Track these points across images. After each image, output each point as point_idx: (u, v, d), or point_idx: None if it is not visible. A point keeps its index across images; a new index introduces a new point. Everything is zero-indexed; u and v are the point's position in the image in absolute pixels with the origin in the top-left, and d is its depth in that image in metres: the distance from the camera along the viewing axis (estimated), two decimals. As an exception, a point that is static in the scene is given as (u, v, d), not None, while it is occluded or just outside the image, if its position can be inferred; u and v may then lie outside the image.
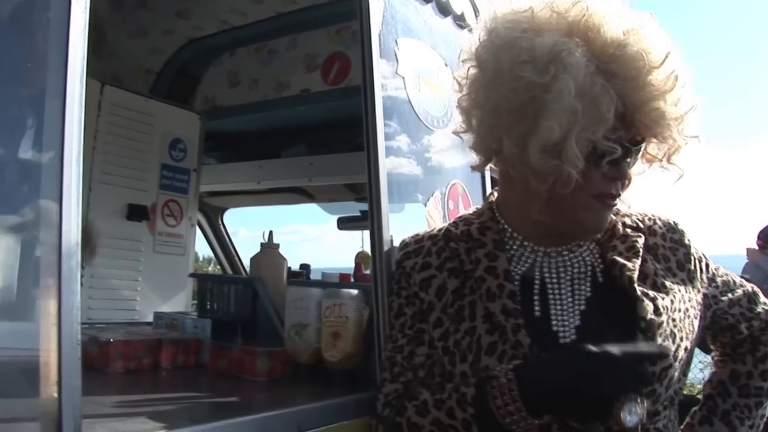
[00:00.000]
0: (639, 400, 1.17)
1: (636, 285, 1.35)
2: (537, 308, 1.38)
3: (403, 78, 2.04)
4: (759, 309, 1.61)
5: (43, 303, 1.16)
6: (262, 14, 3.31)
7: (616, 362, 1.17)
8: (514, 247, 1.45)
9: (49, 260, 1.17)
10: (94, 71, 3.01)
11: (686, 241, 1.49)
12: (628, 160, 1.34)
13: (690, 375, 1.62)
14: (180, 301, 3.17)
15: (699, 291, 1.47)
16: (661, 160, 1.40)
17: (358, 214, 3.71)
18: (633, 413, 1.16)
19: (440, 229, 1.55)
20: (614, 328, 1.32)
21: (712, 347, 1.68)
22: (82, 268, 2.26)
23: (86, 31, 1.25)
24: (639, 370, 1.19)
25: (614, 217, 1.47)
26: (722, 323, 1.55)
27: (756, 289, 1.65)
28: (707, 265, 1.54)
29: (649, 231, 1.48)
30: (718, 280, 1.56)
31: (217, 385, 1.96)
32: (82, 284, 2.76)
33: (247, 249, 4.28)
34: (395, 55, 2.02)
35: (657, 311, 1.33)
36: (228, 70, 3.63)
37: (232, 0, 3.21)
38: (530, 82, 1.25)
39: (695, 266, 1.48)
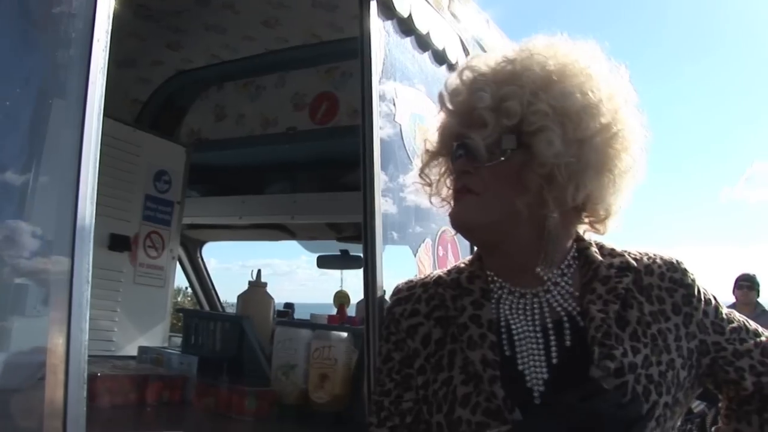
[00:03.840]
0: None
1: (596, 346, 1.32)
2: (518, 359, 1.35)
3: (400, 125, 2.07)
4: None
5: (51, 339, 1.16)
6: (253, 50, 3.34)
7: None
8: (494, 288, 1.44)
9: (59, 296, 1.17)
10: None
11: (688, 281, 1.42)
12: (458, 157, 1.40)
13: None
14: (158, 335, 3.14)
15: (695, 337, 1.39)
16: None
17: (338, 253, 3.72)
18: None
19: (433, 276, 1.55)
20: (580, 384, 1.27)
21: (720, 397, 1.56)
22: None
23: (105, 68, 1.27)
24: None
25: (598, 257, 1.44)
26: (723, 374, 1.42)
27: None
28: (716, 310, 1.44)
29: (646, 270, 1.42)
30: (727, 327, 1.44)
31: (203, 423, 1.95)
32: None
33: (217, 280, 4.28)
34: (393, 101, 2.05)
35: (619, 371, 1.29)
36: (215, 103, 3.65)
37: (224, 35, 3.22)
38: None
39: (697, 309, 1.41)
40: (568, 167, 1.31)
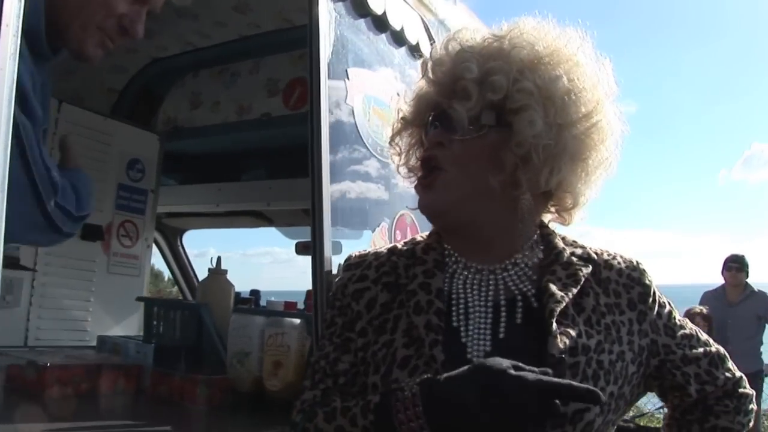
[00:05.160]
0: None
1: (554, 320, 1.29)
2: (462, 330, 1.34)
3: (352, 108, 2.05)
4: (719, 374, 1.47)
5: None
6: (226, 36, 3.32)
7: (526, 389, 1.11)
8: (450, 263, 1.43)
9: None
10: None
11: (646, 281, 1.43)
12: (434, 128, 1.42)
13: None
14: (133, 324, 3.14)
15: (647, 335, 1.40)
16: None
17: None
18: None
19: (388, 247, 1.53)
20: (524, 361, 1.21)
21: (665, 406, 1.57)
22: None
23: (17, 55, 1.24)
24: (549, 403, 1.11)
25: (561, 244, 1.44)
26: (670, 378, 1.43)
27: (724, 353, 1.50)
28: (669, 314, 1.46)
29: (605, 264, 1.43)
30: (679, 332, 1.45)
31: (155, 412, 1.94)
32: (31, 303, 2.73)
33: None
34: (345, 84, 2.03)
35: (573, 350, 1.27)
36: (191, 91, 3.64)
37: (196, 21, 3.20)
38: None
39: (651, 309, 1.42)
40: (545, 150, 1.32)
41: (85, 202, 1.71)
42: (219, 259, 2.42)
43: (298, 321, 1.95)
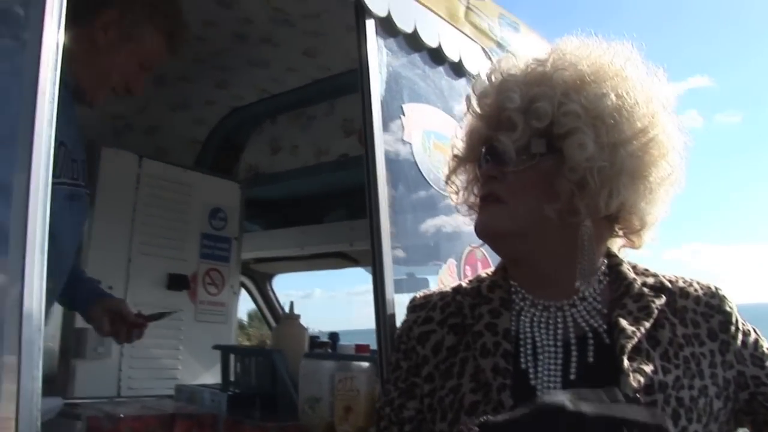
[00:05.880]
0: None
1: (625, 357, 1.21)
2: (531, 372, 1.28)
3: (410, 144, 2.02)
4: None
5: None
6: (299, 81, 3.37)
7: (585, 425, 1.06)
8: (517, 300, 1.37)
9: (10, 343, 1.16)
10: (132, 145, 3.10)
11: (726, 308, 1.33)
12: (486, 162, 1.36)
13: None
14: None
15: (732, 367, 1.29)
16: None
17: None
18: None
19: (453, 286, 1.49)
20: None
21: None
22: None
23: (53, 120, 1.26)
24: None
25: (632, 274, 1.36)
26: (763, 413, 1.30)
27: None
28: (756, 342, 1.33)
29: (681, 292, 1.34)
30: None
31: (227, 461, 1.93)
32: (122, 354, 2.79)
33: (322, 310, 4.27)
34: (401, 121, 2.01)
35: (649, 388, 1.19)
36: (270, 137, 3.70)
37: (268, 69, 3.26)
38: None
39: (734, 338, 1.31)
40: (601, 172, 1.25)
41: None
42: (291, 304, 2.43)
43: (366, 364, 1.92)
